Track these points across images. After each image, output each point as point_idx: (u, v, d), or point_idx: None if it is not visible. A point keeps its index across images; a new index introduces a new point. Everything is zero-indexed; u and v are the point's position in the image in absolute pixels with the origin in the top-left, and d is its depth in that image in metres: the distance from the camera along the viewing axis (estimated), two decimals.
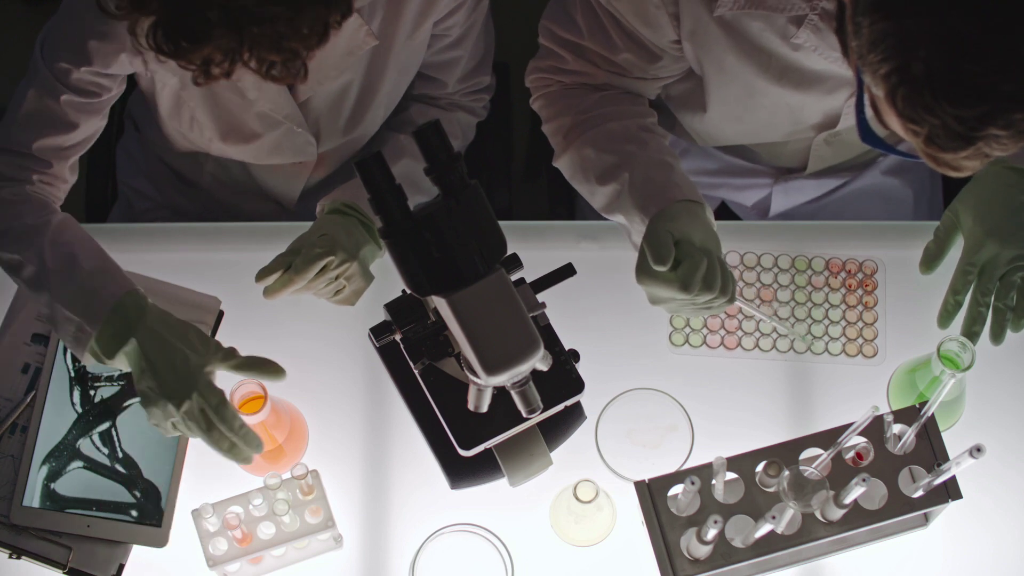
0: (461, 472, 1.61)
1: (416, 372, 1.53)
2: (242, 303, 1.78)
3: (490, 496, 1.66)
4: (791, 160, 1.97)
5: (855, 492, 1.43)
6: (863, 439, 1.55)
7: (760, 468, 1.53)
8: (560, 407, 1.55)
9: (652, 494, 1.55)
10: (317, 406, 1.75)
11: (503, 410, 1.51)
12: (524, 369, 1.38)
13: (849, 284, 1.81)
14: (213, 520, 1.60)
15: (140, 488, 1.69)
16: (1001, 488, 1.70)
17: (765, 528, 1.44)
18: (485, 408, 1.48)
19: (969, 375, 1.55)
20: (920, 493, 1.53)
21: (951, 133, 1.21)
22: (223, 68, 1.39)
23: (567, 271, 1.54)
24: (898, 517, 1.54)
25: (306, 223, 1.71)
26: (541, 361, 1.41)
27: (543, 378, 1.48)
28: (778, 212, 2.03)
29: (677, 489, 1.55)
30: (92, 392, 1.74)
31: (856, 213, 2.01)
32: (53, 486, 1.68)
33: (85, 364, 1.68)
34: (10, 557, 1.65)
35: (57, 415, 1.71)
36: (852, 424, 1.47)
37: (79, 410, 1.72)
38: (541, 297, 1.51)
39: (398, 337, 1.52)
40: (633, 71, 1.71)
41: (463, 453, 1.54)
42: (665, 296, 1.53)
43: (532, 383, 1.43)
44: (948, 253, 1.77)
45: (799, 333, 1.78)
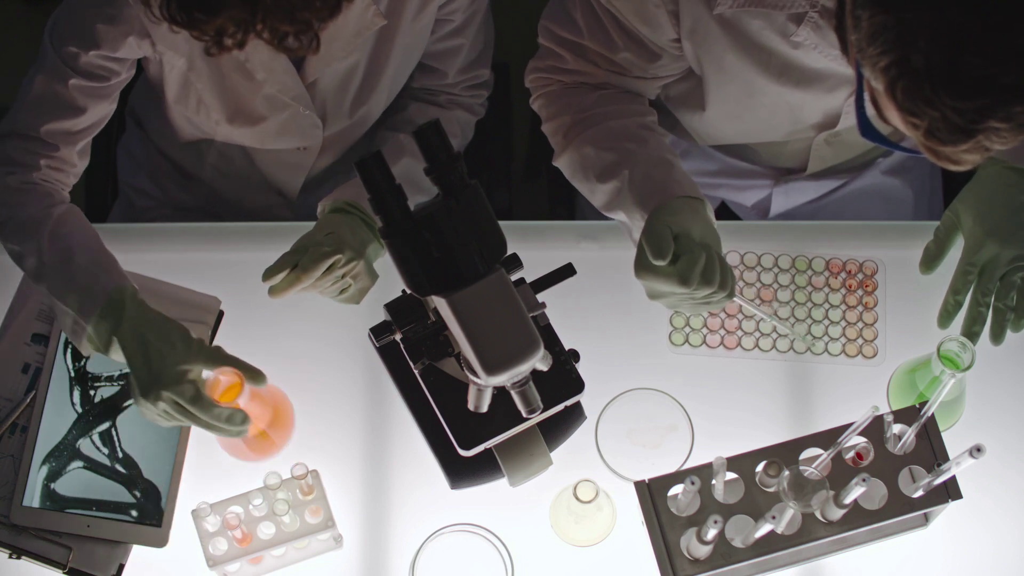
0: (461, 472, 1.61)
1: (416, 372, 1.53)
2: (242, 303, 1.78)
3: (490, 496, 1.66)
4: (791, 160, 1.97)
5: (855, 492, 1.43)
6: (863, 439, 1.55)
7: (760, 468, 1.53)
8: (560, 407, 1.55)
9: (652, 494, 1.55)
10: (317, 406, 1.75)
11: (503, 410, 1.51)
12: (524, 369, 1.38)
13: (849, 284, 1.81)
14: (213, 520, 1.60)
15: (140, 488, 1.69)
16: (1001, 488, 1.70)
17: (765, 528, 1.44)
18: (485, 408, 1.48)
19: (969, 375, 1.55)
20: (920, 493, 1.53)
21: (951, 126, 1.21)
22: (236, 39, 1.41)
23: (567, 271, 1.54)
24: (898, 517, 1.54)
25: (307, 223, 1.71)
26: (541, 361, 1.41)
27: (543, 378, 1.48)
28: (778, 212, 2.03)
29: (677, 489, 1.55)
30: (92, 392, 1.74)
31: (856, 213, 2.01)
32: (53, 486, 1.68)
33: (87, 355, 1.72)
34: (10, 557, 1.65)
35: (57, 415, 1.71)
36: (852, 424, 1.47)
37: (79, 410, 1.72)
38: (541, 297, 1.51)
39: (398, 337, 1.52)
40: (633, 70, 1.71)
41: (463, 453, 1.54)
42: (664, 290, 1.52)
43: (532, 383, 1.43)
44: (948, 253, 1.77)
45: (799, 333, 1.78)
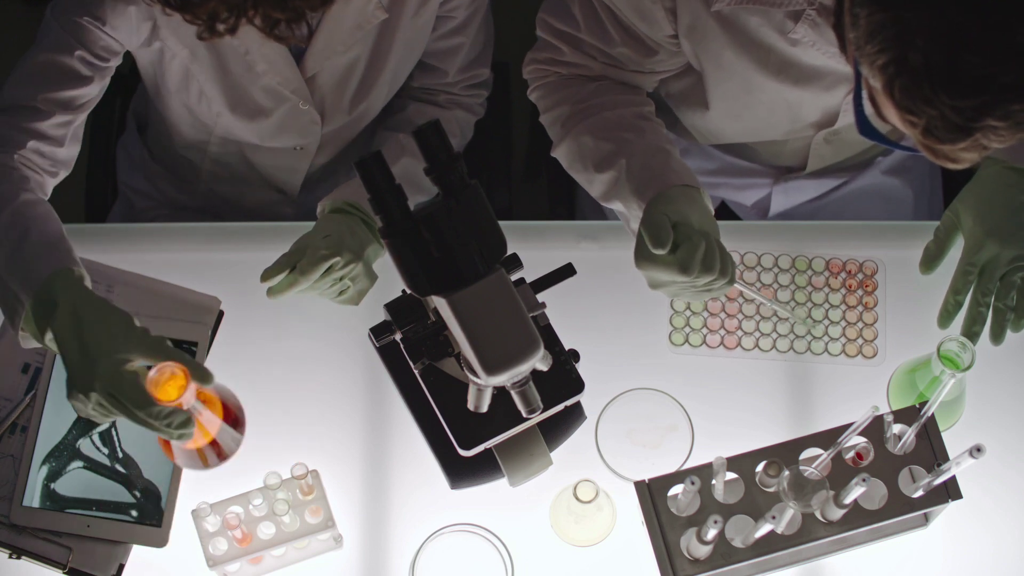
0: (461, 472, 1.61)
1: (416, 372, 1.53)
2: (242, 303, 1.78)
3: (490, 496, 1.66)
4: (791, 159, 1.97)
5: (855, 492, 1.43)
6: (863, 439, 1.55)
7: (760, 468, 1.53)
8: (560, 407, 1.55)
9: (652, 494, 1.55)
10: (317, 406, 1.75)
11: (503, 410, 1.51)
12: (524, 369, 1.38)
13: (849, 284, 1.81)
14: (213, 520, 1.60)
15: (140, 488, 1.69)
16: (1001, 488, 1.70)
17: (765, 528, 1.44)
18: (485, 408, 1.48)
19: (969, 375, 1.55)
20: (920, 493, 1.53)
21: (949, 124, 1.21)
22: (228, 24, 1.41)
23: (567, 271, 1.54)
24: (898, 517, 1.54)
25: (307, 223, 1.71)
26: (541, 361, 1.41)
27: (543, 378, 1.48)
28: (778, 212, 2.03)
29: (677, 489, 1.55)
30: None
31: (856, 213, 2.01)
32: (53, 486, 1.68)
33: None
34: (10, 557, 1.65)
35: (57, 415, 1.71)
36: (852, 424, 1.47)
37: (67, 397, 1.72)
38: (541, 297, 1.51)
39: (398, 337, 1.52)
40: (629, 64, 1.71)
41: (463, 453, 1.54)
42: (665, 279, 1.52)
43: (532, 383, 1.43)
44: (948, 253, 1.77)
45: (799, 316, 1.78)
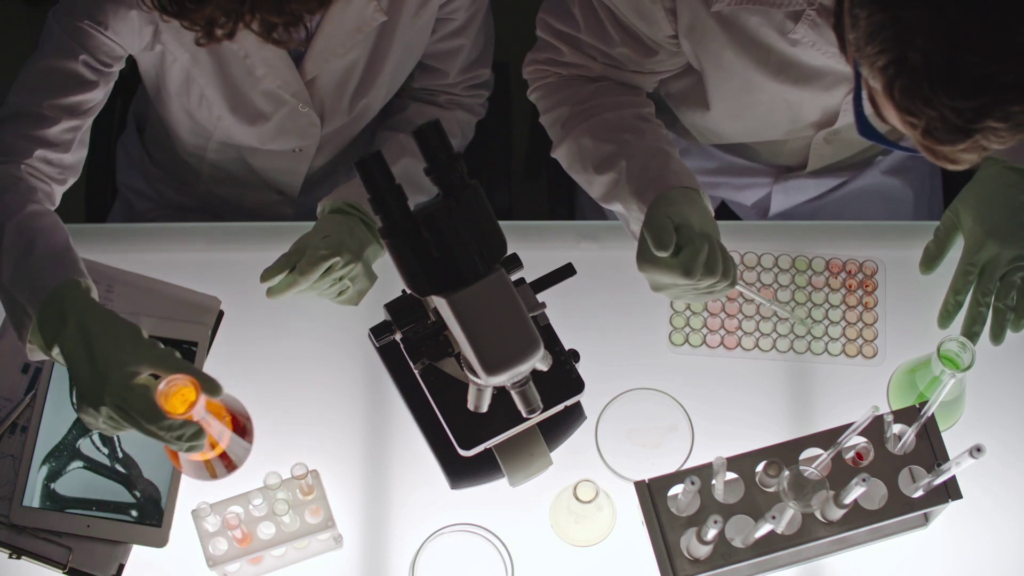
0: (461, 472, 1.61)
1: (416, 372, 1.53)
2: (242, 303, 1.78)
3: (490, 496, 1.66)
4: (791, 158, 1.97)
5: (855, 492, 1.43)
6: (863, 439, 1.55)
7: (760, 468, 1.53)
8: (560, 407, 1.55)
9: (652, 494, 1.55)
10: (317, 406, 1.75)
11: (503, 410, 1.51)
12: (524, 369, 1.38)
13: (849, 284, 1.81)
14: (213, 520, 1.60)
15: (140, 488, 1.69)
16: (1001, 488, 1.70)
17: (765, 528, 1.44)
18: (485, 408, 1.48)
19: (969, 375, 1.55)
20: (920, 493, 1.53)
21: (948, 125, 1.21)
22: (226, 29, 1.41)
23: (567, 271, 1.54)
24: (898, 517, 1.54)
25: (307, 223, 1.71)
26: (541, 361, 1.41)
27: (543, 378, 1.48)
28: (778, 211, 2.03)
29: (677, 489, 1.55)
30: None
31: (856, 213, 2.01)
32: (53, 486, 1.68)
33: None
34: (10, 557, 1.65)
35: (57, 415, 1.71)
36: (852, 424, 1.46)
37: (76, 411, 1.72)
38: (541, 297, 1.51)
39: (398, 337, 1.52)
40: (629, 65, 1.71)
41: (463, 453, 1.54)
42: (667, 282, 1.52)
43: (532, 383, 1.43)
44: (948, 253, 1.77)
45: (799, 316, 1.78)
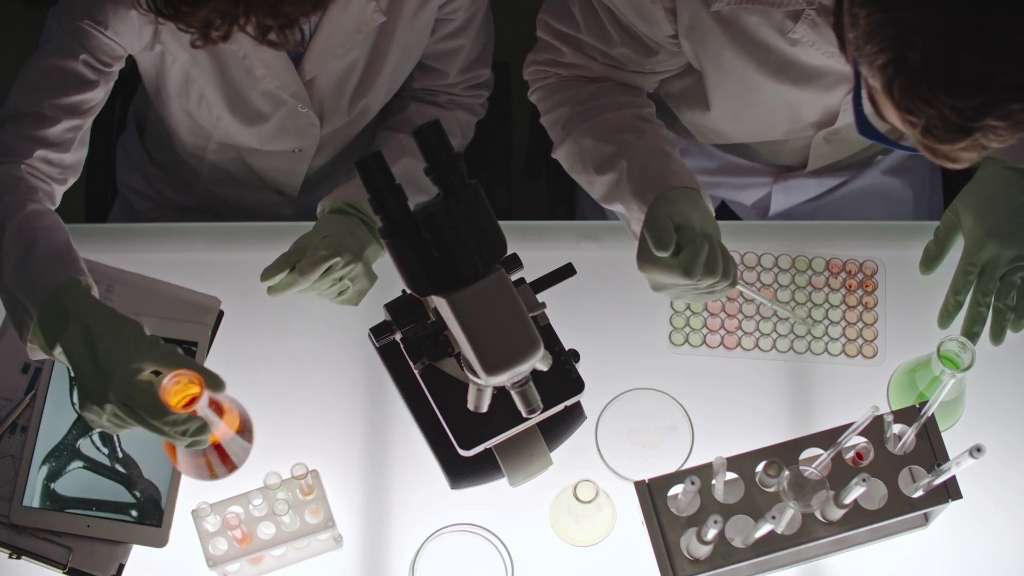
0: (461, 472, 1.61)
1: (416, 372, 1.53)
2: (242, 303, 1.78)
3: (490, 496, 1.66)
4: (791, 158, 1.97)
5: (855, 492, 1.43)
6: (863, 439, 1.55)
7: (760, 468, 1.53)
8: (560, 407, 1.55)
9: (652, 494, 1.55)
10: (317, 406, 1.75)
11: (503, 410, 1.51)
12: (524, 369, 1.38)
13: (849, 284, 1.81)
14: (213, 520, 1.60)
15: (140, 488, 1.69)
16: (1001, 488, 1.70)
17: (765, 528, 1.44)
18: (485, 408, 1.48)
19: (969, 375, 1.55)
20: (920, 493, 1.53)
21: (948, 124, 1.21)
22: (221, 31, 1.42)
23: (567, 271, 1.54)
24: (898, 517, 1.54)
25: (307, 223, 1.71)
26: (541, 361, 1.41)
27: (543, 378, 1.48)
28: (778, 211, 2.03)
29: (677, 489, 1.55)
30: None
31: (856, 213, 2.01)
32: (53, 486, 1.68)
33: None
34: (10, 557, 1.65)
35: (57, 415, 1.71)
36: (852, 424, 1.47)
37: (79, 410, 1.72)
38: (541, 297, 1.51)
39: (398, 337, 1.52)
40: (629, 65, 1.71)
41: (463, 453, 1.54)
42: (667, 282, 1.53)
43: (532, 383, 1.43)
44: (948, 253, 1.77)
45: (800, 316, 1.78)
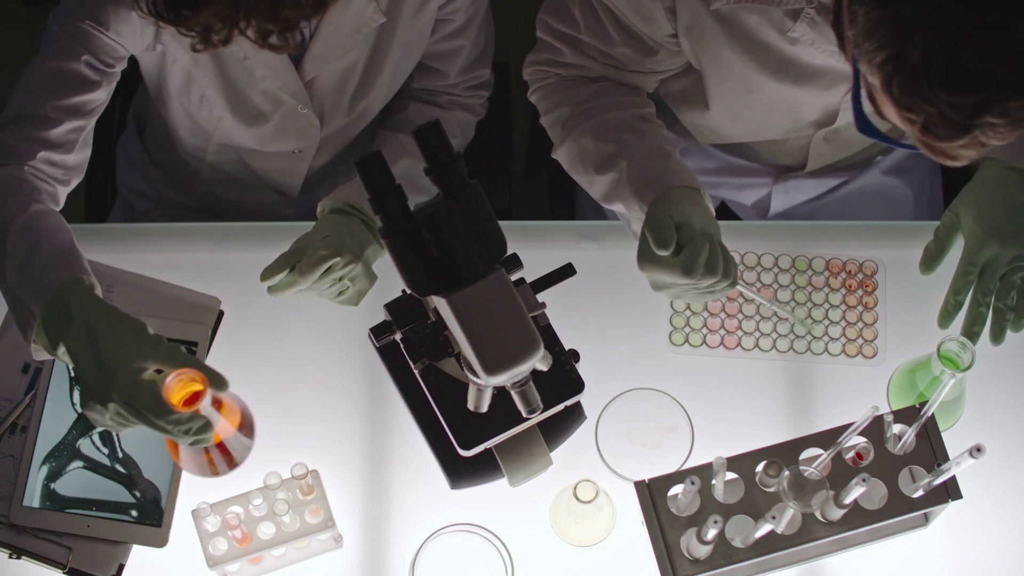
0: (461, 472, 1.61)
1: (416, 372, 1.53)
2: (242, 303, 1.78)
3: (490, 496, 1.66)
4: (791, 158, 1.97)
5: (855, 492, 1.43)
6: (863, 439, 1.55)
7: (760, 468, 1.53)
8: (560, 407, 1.55)
9: (652, 494, 1.55)
10: (317, 406, 1.75)
11: (503, 410, 1.51)
12: (524, 369, 1.38)
13: (849, 284, 1.81)
14: (213, 520, 1.60)
15: (140, 488, 1.69)
16: (1001, 488, 1.70)
17: (765, 528, 1.44)
18: (485, 408, 1.48)
19: (969, 375, 1.55)
20: (920, 493, 1.53)
21: (947, 121, 1.21)
22: (221, 35, 1.43)
23: (567, 271, 1.54)
24: (898, 517, 1.54)
25: (307, 223, 1.71)
26: (541, 361, 1.41)
27: (543, 378, 1.48)
28: (778, 211, 2.03)
29: (677, 489, 1.55)
30: None
31: (856, 213, 2.01)
32: (53, 486, 1.68)
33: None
34: (10, 557, 1.65)
35: (57, 415, 1.71)
36: (852, 424, 1.47)
37: (79, 410, 1.72)
38: (541, 297, 1.51)
39: (398, 337, 1.52)
40: (629, 65, 1.71)
41: (463, 453, 1.54)
42: (668, 282, 1.52)
43: (532, 383, 1.43)
44: (948, 253, 1.77)
45: (799, 317, 1.78)
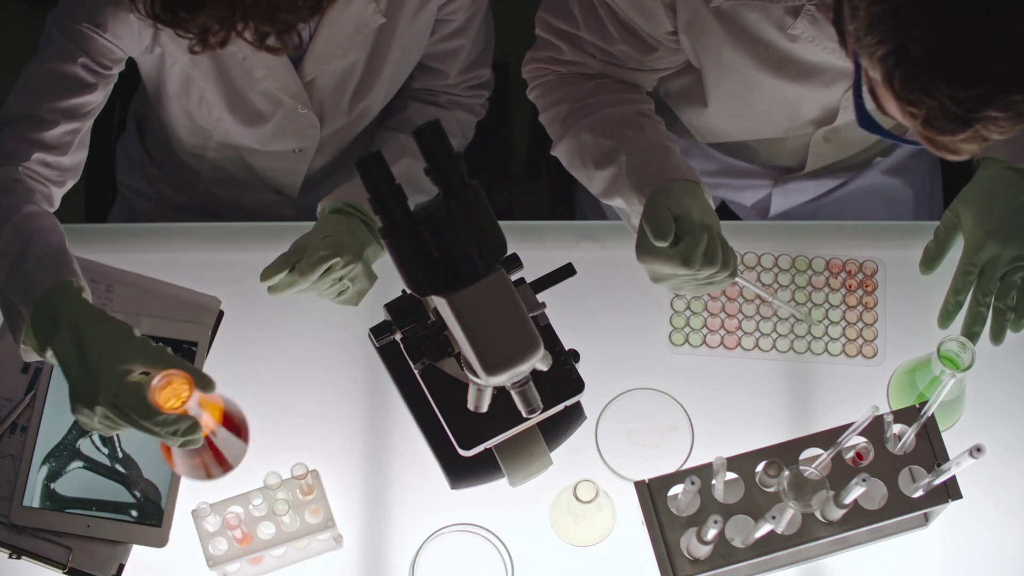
0: (461, 472, 1.61)
1: (416, 372, 1.53)
2: (242, 303, 1.78)
3: (490, 496, 1.66)
4: (790, 158, 1.97)
5: (855, 492, 1.43)
6: (863, 439, 1.55)
7: (760, 468, 1.53)
8: (560, 407, 1.55)
9: (652, 494, 1.55)
10: (317, 406, 1.75)
11: (503, 410, 1.51)
12: (524, 369, 1.38)
13: (849, 284, 1.81)
14: (213, 520, 1.60)
15: (140, 488, 1.69)
16: (1001, 488, 1.70)
17: (765, 528, 1.44)
18: (485, 408, 1.48)
19: (969, 375, 1.55)
20: (920, 493, 1.53)
21: (949, 115, 1.21)
22: (219, 37, 1.43)
23: (567, 271, 1.54)
24: (898, 517, 1.54)
25: (307, 223, 1.71)
26: (541, 361, 1.41)
27: (543, 378, 1.48)
28: (778, 212, 2.03)
29: (677, 489, 1.55)
30: None
31: (856, 213, 2.01)
32: (53, 486, 1.68)
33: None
34: (10, 557, 1.65)
35: (57, 415, 1.71)
36: (852, 424, 1.47)
37: (71, 412, 1.72)
38: (541, 297, 1.51)
39: (398, 337, 1.52)
40: (629, 62, 1.71)
41: (463, 453, 1.54)
42: (666, 273, 1.52)
43: (532, 383, 1.43)
44: (948, 253, 1.77)
45: (802, 313, 1.77)
